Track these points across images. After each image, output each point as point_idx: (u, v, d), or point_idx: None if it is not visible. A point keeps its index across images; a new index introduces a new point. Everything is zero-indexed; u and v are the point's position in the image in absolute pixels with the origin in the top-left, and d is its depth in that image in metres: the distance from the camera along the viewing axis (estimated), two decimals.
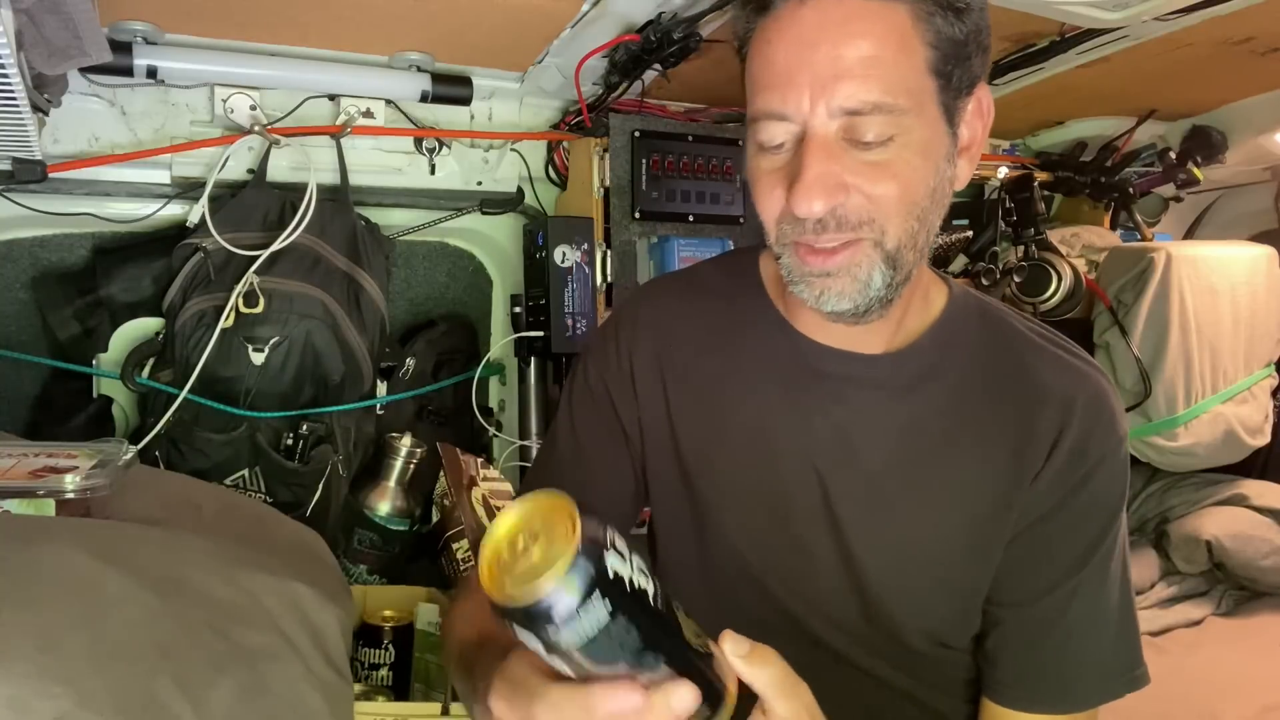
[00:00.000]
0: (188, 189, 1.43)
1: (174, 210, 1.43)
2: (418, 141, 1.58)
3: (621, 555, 0.48)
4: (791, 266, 0.75)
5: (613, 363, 0.90)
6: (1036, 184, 1.92)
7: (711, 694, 0.53)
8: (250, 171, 1.45)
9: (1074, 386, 0.82)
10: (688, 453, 0.88)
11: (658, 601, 0.50)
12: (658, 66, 1.43)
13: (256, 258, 1.37)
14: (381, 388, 1.61)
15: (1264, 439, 2.14)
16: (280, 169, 1.46)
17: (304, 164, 1.43)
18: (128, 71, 1.29)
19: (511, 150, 1.65)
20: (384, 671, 1.19)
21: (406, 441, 1.59)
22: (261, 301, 1.37)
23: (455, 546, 1.55)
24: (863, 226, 0.71)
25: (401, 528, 1.58)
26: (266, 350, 1.39)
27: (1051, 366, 0.83)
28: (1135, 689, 0.84)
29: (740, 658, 0.55)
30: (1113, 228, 2.25)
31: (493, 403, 1.85)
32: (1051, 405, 0.81)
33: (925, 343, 0.83)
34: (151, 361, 1.42)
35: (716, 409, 0.86)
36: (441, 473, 1.64)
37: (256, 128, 1.41)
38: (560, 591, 0.45)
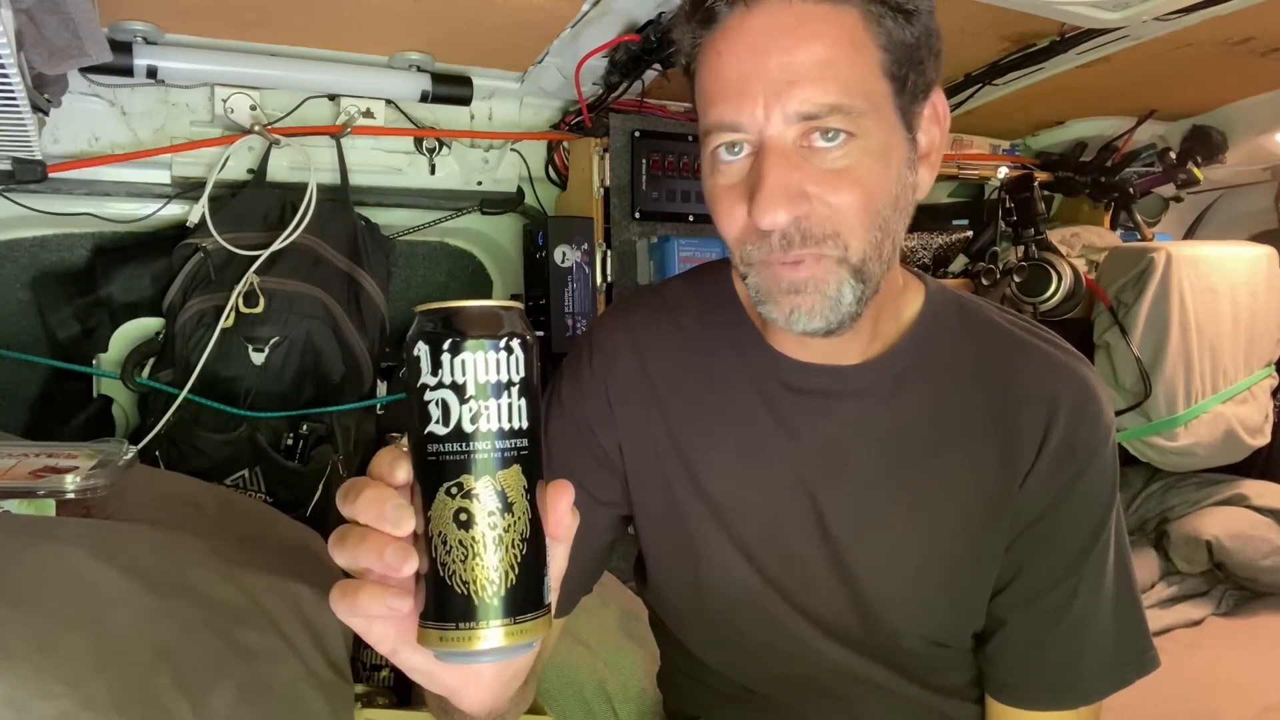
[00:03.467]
0: (188, 189, 1.43)
1: (174, 210, 1.43)
2: (418, 141, 1.58)
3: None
4: (759, 285, 0.73)
5: (588, 388, 0.87)
6: (1036, 184, 1.92)
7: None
8: (250, 171, 1.45)
9: (1057, 381, 0.81)
10: (674, 476, 0.85)
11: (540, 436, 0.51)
12: (658, 66, 1.43)
13: (256, 258, 1.37)
14: (382, 388, 1.61)
15: (1264, 439, 2.14)
16: (280, 169, 1.46)
17: (304, 164, 1.43)
18: (128, 71, 1.29)
19: (511, 150, 1.65)
20: (385, 673, 1.19)
21: (406, 441, 1.59)
22: (261, 301, 1.37)
23: None
24: (826, 241, 0.69)
25: None
26: (266, 350, 1.39)
27: (1033, 361, 0.82)
28: (1145, 673, 0.84)
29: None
30: (1113, 228, 2.25)
31: None
32: (1036, 402, 0.80)
33: (903, 346, 0.82)
34: (151, 361, 1.42)
35: (700, 431, 0.84)
36: None
37: (256, 128, 1.41)
38: (504, 315, 0.49)
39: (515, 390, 0.49)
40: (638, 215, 1.61)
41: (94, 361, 1.43)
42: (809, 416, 0.82)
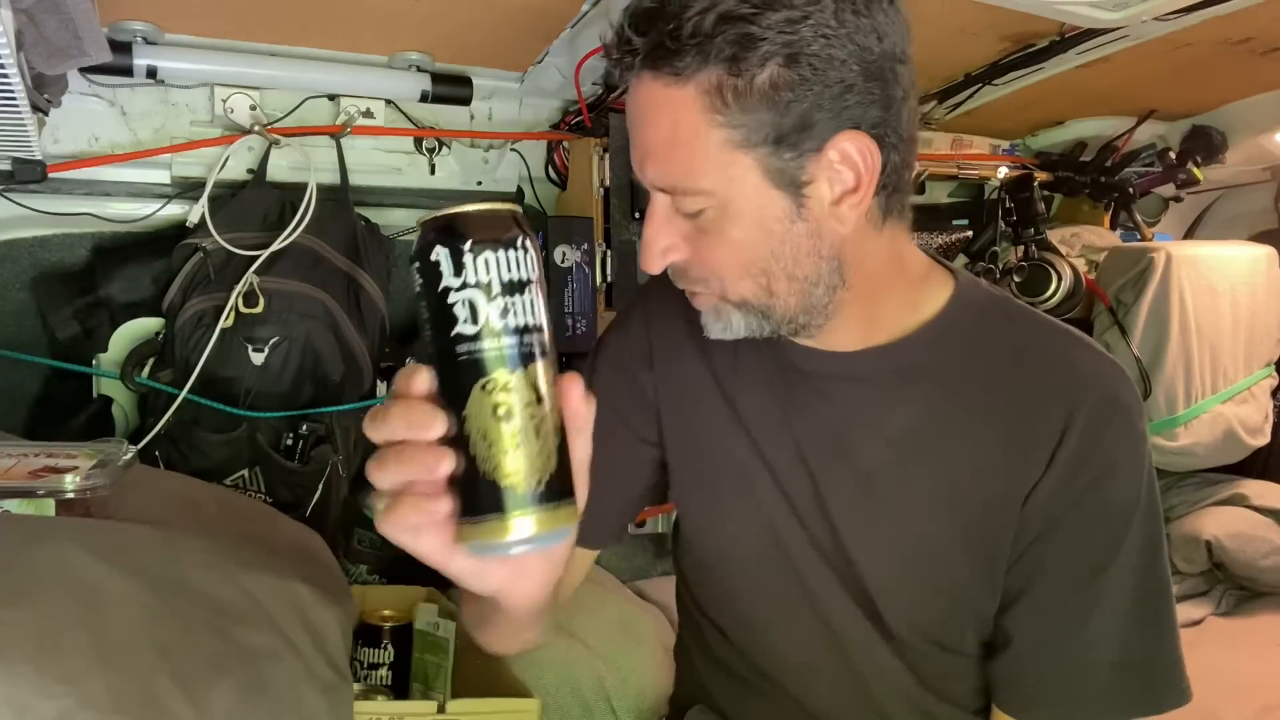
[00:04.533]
0: (188, 189, 1.43)
1: (174, 210, 1.43)
2: (418, 141, 1.58)
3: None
4: None
5: (634, 333, 0.94)
6: (1036, 184, 1.92)
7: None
8: (250, 171, 1.45)
9: (1081, 390, 0.79)
10: (700, 425, 0.90)
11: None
12: None
13: (256, 258, 1.37)
14: (382, 388, 1.61)
15: (1264, 439, 2.14)
16: (280, 169, 1.46)
17: (304, 164, 1.43)
18: (128, 71, 1.29)
19: (511, 150, 1.65)
20: (383, 671, 1.19)
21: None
22: (261, 301, 1.37)
23: None
24: (702, 282, 0.76)
25: None
26: (266, 350, 1.39)
27: (1058, 369, 0.80)
28: (1171, 706, 0.80)
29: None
30: (1113, 228, 2.25)
31: None
32: (1052, 412, 0.78)
33: (915, 340, 0.82)
34: (151, 361, 1.41)
35: (724, 393, 0.89)
36: None
37: (256, 128, 1.41)
38: (511, 217, 0.51)
39: (533, 287, 0.50)
40: (638, 215, 1.61)
41: (94, 361, 1.42)
42: (809, 398, 0.84)
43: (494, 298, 0.48)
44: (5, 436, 1.12)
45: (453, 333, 0.49)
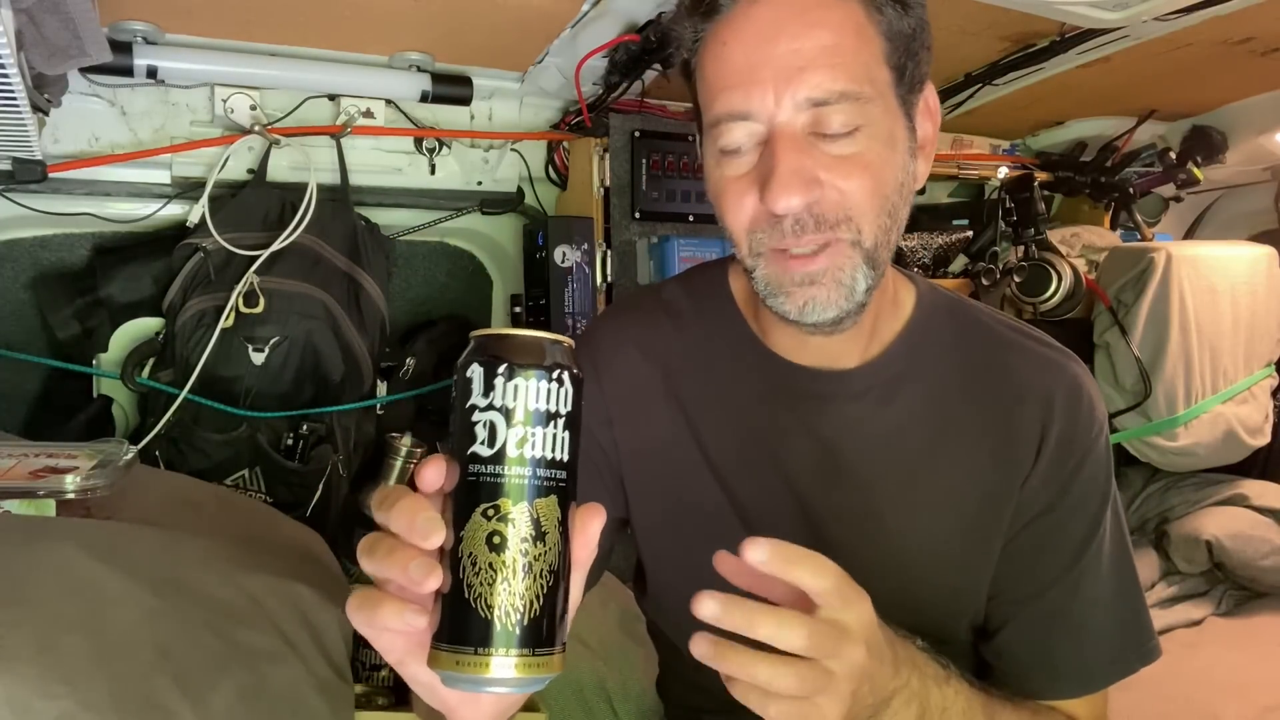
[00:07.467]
0: (188, 189, 1.43)
1: (174, 210, 1.43)
2: (418, 141, 1.58)
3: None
4: (769, 278, 0.73)
5: (586, 391, 0.88)
6: (1036, 184, 1.92)
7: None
8: (250, 171, 1.45)
9: (1051, 381, 0.82)
10: (668, 477, 0.86)
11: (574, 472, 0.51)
12: (658, 66, 1.43)
13: (256, 258, 1.37)
14: (381, 388, 1.61)
15: (1264, 439, 2.14)
16: (280, 169, 1.46)
17: (304, 164, 1.43)
18: (128, 71, 1.29)
19: (511, 150, 1.65)
20: (385, 672, 1.19)
21: (406, 441, 1.59)
22: (262, 301, 1.37)
23: None
24: (840, 226, 0.70)
25: None
26: (266, 350, 1.39)
27: (1026, 361, 0.83)
28: (1148, 662, 0.84)
29: (794, 563, 0.55)
30: (1113, 228, 2.25)
31: None
32: (1031, 402, 0.81)
33: (898, 348, 0.82)
34: (151, 361, 1.42)
35: (695, 434, 0.84)
36: None
37: (256, 128, 1.41)
38: (556, 348, 0.50)
39: (561, 422, 0.49)
40: (638, 215, 1.61)
41: (94, 361, 1.43)
42: (804, 421, 0.82)
43: (514, 425, 0.48)
44: (5, 436, 1.12)
45: (469, 451, 0.48)
